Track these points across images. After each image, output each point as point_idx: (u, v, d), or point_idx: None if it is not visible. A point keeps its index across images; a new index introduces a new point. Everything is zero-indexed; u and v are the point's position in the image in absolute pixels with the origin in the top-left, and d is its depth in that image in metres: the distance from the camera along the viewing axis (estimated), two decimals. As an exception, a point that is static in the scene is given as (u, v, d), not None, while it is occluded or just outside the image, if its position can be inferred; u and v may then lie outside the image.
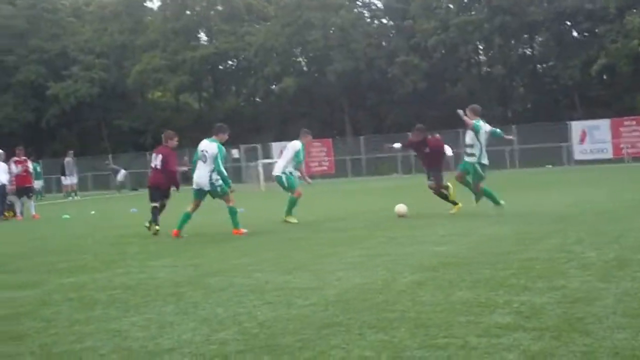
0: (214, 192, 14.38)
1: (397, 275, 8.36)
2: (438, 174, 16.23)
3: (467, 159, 15.65)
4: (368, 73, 57.71)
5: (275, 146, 53.48)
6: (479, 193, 15.47)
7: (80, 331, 6.43)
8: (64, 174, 43.30)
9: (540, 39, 58.34)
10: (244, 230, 14.15)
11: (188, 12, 66.51)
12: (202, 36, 69.30)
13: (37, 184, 42.35)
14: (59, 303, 7.87)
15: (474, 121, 15.37)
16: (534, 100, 57.55)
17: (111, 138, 66.14)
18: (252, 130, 59.83)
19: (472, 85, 56.28)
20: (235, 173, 52.52)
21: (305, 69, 64.77)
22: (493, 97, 55.00)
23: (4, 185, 24.16)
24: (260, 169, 38.10)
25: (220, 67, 68.98)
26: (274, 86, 62.88)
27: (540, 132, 46.13)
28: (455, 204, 15.85)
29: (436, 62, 55.87)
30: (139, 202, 23.53)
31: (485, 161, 15.44)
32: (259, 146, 51.99)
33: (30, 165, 26.20)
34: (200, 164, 14.42)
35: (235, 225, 14.25)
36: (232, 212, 14.32)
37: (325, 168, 53.22)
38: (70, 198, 40.66)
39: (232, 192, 14.50)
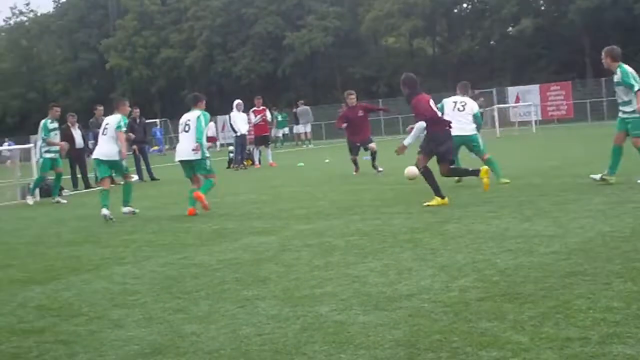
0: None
1: (646, 222, 7.92)
2: None
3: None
4: (612, 10, 54.67)
5: (510, 90, 52.30)
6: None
7: (319, 276, 6.57)
8: (297, 122, 44.67)
9: None
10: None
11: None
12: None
13: (279, 132, 44.16)
14: (298, 249, 8.09)
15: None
16: None
17: (343, 86, 67.21)
18: (486, 74, 58.75)
19: None
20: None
21: (543, 8, 62.53)
22: None
23: (243, 135, 25.10)
24: (496, 114, 37.34)
25: (455, 10, 68.04)
26: (510, 28, 61.27)
27: None
28: None
29: (688, -4, 52.06)
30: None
31: None
32: (493, 91, 51.00)
33: (268, 114, 27.00)
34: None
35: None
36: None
37: (563, 112, 51.31)
38: (305, 146, 41.81)
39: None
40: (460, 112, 13.49)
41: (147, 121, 28.64)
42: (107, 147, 13.07)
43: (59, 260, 8.67)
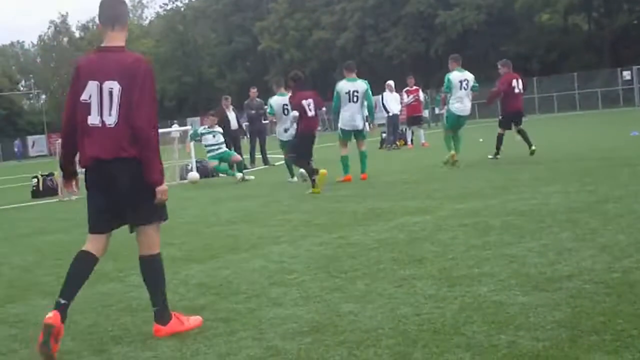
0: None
1: None
2: None
3: None
4: None
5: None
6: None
7: (477, 256, 6.49)
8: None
9: None
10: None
11: None
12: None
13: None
14: (454, 228, 8.01)
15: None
16: None
17: (496, 65, 65.76)
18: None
19: None
20: (627, 96, 50.04)
21: None
22: None
23: (395, 115, 25.11)
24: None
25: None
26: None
27: None
28: None
29: None
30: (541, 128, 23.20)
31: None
32: (653, 66, 49.03)
33: (421, 94, 26.87)
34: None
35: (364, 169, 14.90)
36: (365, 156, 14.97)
37: None
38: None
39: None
40: (465, 91, 15.68)
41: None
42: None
43: (217, 239, 8.94)
